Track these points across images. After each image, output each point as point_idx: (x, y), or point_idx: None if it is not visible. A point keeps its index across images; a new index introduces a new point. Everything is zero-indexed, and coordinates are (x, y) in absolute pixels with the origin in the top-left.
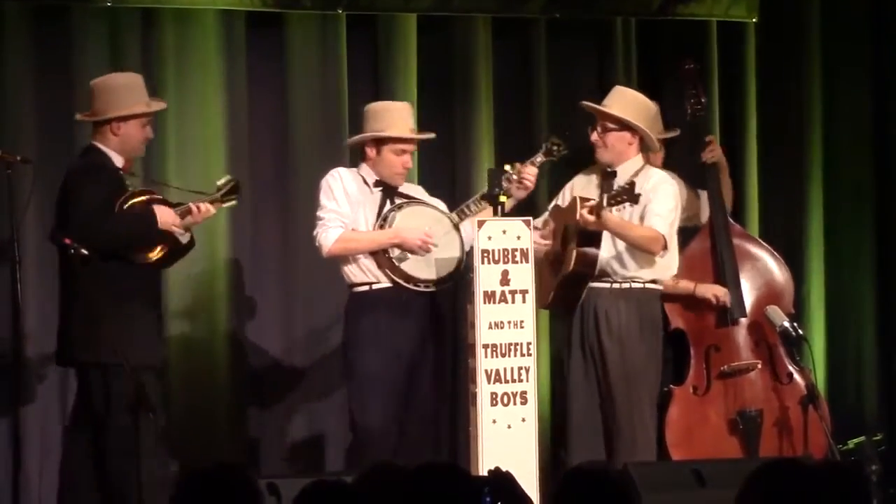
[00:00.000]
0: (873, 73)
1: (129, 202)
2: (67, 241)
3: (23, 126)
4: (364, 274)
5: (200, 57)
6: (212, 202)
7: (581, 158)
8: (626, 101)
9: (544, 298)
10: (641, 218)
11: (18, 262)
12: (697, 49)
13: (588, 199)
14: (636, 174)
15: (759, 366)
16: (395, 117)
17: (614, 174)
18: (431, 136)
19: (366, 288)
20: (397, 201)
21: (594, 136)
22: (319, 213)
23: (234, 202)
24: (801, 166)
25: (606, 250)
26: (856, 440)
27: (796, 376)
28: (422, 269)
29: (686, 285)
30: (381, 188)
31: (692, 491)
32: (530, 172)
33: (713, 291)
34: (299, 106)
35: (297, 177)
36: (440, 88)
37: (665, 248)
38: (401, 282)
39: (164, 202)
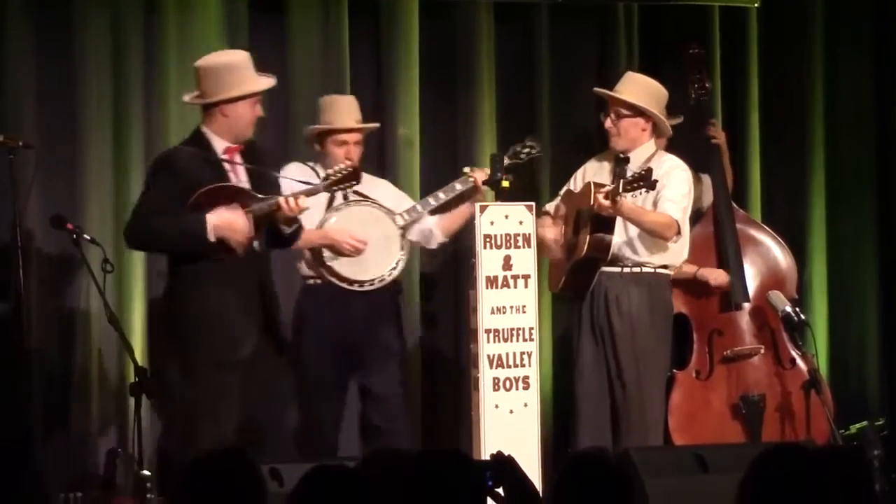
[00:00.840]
0: (876, 58)
1: (196, 201)
2: (69, 226)
3: (25, 111)
4: (310, 269)
5: (202, 42)
6: (307, 193)
7: (588, 144)
8: (638, 87)
9: (555, 283)
10: (654, 204)
11: (20, 247)
12: (699, 34)
13: (603, 185)
14: (649, 160)
15: (762, 351)
16: (339, 109)
17: (627, 160)
18: (374, 126)
19: (311, 282)
20: (349, 198)
21: (608, 123)
22: None
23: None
24: (803, 152)
25: (618, 235)
26: (858, 425)
27: (799, 361)
28: (354, 269)
29: (687, 268)
30: None
31: (694, 476)
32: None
33: (712, 276)
34: (302, 90)
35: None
36: (442, 73)
37: (678, 233)
38: (334, 280)
39: (242, 195)
